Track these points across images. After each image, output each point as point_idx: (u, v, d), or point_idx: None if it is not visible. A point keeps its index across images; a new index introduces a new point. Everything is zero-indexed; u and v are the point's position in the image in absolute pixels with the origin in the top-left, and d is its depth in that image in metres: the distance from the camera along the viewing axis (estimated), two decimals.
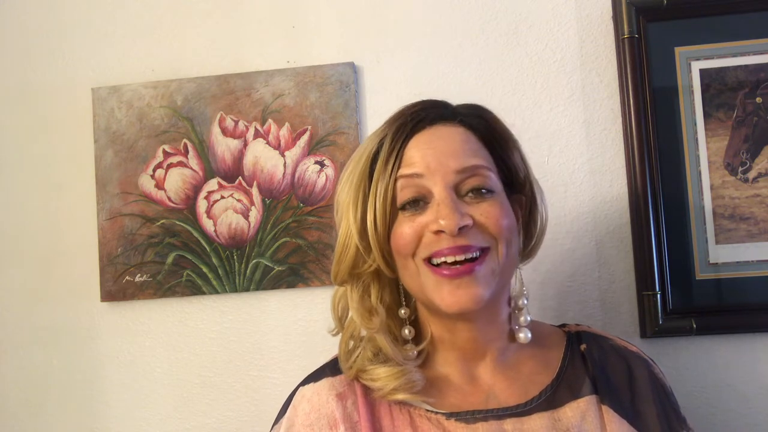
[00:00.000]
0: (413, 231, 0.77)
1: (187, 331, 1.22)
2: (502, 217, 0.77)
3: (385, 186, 0.78)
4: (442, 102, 0.86)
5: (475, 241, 0.76)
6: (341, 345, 0.86)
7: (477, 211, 0.77)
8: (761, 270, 1.11)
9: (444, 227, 0.75)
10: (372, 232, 0.78)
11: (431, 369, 0.84)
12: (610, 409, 0.79)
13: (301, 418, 0.82)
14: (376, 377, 0.80)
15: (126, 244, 1.22)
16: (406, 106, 0.84)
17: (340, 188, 0.84)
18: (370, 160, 0.81)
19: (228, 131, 1.22)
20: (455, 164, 0.77)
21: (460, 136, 0.80)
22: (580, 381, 0.82)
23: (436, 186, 0.77)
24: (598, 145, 1.18)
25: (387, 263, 0.81)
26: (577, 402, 0.80)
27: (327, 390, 0.82)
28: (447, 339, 0.83)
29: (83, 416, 1.22)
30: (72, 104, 1.27)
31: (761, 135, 1.13)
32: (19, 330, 1.25)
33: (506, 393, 0.81)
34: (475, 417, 0.78)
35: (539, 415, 0.78)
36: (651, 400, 0.82)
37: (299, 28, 1.24)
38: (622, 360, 0.86)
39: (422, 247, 0.77)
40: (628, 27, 1.14)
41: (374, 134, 0.83)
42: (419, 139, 0.80)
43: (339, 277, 0.84)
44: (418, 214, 0.78)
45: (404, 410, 0.80)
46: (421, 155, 0.78)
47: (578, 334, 0.89)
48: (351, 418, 0.80)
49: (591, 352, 0.85)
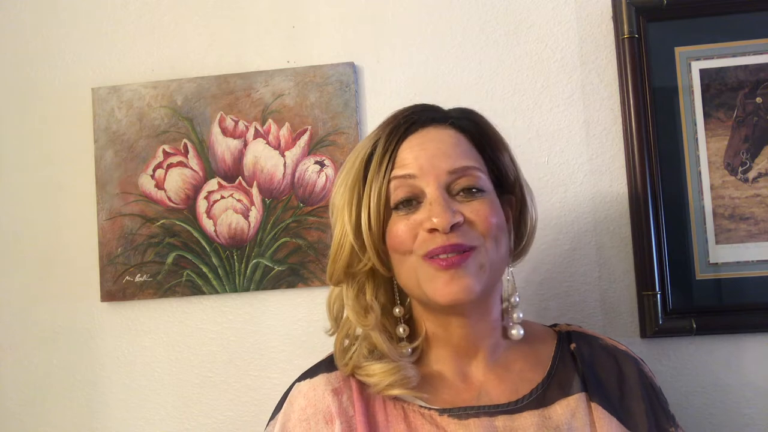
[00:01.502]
0: (408, 228, 0.79)
1: (187, 331, 1.22)
2: (492, 215, 0.80)
3: (378, 187, 0.80)
4: (434, 106, 0.88)
5: (465, 239, 0.78)
6: (336, 343, 0.87)
7: (468, 209, 0.79)
8: (761, 270, 1.11)
9: (437, 225, 0.77)
10: (366, 231, 0.80)
11: (425, 366, 0.86)
12: (600, 407, 0.81)
13: (297, 413, 0.83)
14: (372, 373, 0.82)
15: (126, 244, 1.22)
16: (398, 110, 0.86)
17: (335, 191, 0.86)
18: (364, 163, 0.83)
19: (228, 131, 1.22)
20: (447, 165, 0.80)
21: (451, 138, 0.83)
22: (569, 379, 0.84)
23: (428, 186, 0.79)
24: (598, 145, 1.18)
25: (382, 262, 0.83)
26: (566, 400, 0.82)
27: (323, 385, 0.84)
28: (441, 336, 0.85)
29: (83, 416, 1.22)
30: (72, 104, 1.27)
31: (761, 135, 1.13)
32: (19, 330, 1.25)
33: (497, 390, 0.83)
34: (468, 413, 0.80)
35: (530, 412, 0.80)
36: (640, 398, 0.84)
37: (299, 28, 1.24)
38: (612, 358, 0.88)
39: (418, 244, 0.79)
40: (628, 27, 1.14)
41: (367, 138, 0.86)
42: (412, 141, 0.82)
43: (335, 276, 0.86)
44: (411, 213, 0.80)
45: (398, 406, 0.82)
46: (413, 156, 0.81)
47: (568, 334, 0.91)
48: (346, 412, 0.81)
49: (581, 351, 0.87)
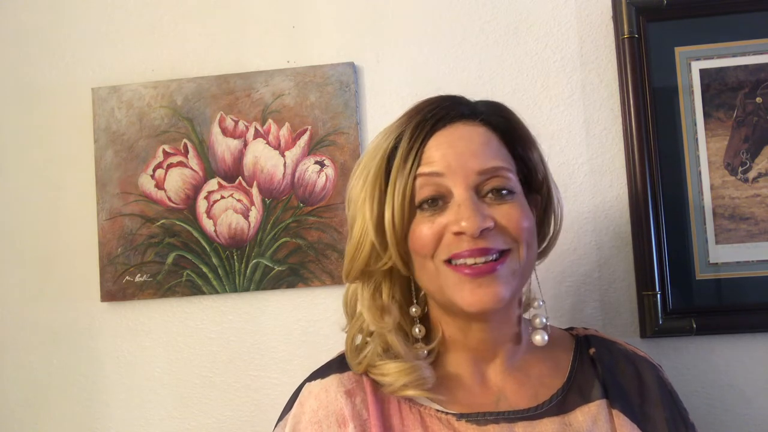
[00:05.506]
0: (433, 232, 0.76)
1: (187, 331, 1.22)
2: (523, 220, 0.76)
3: (403, 183, 0.76)
4: (461, 98, 0.83)
5: (494, 244, 0.74)
6: (348, 340, 0.85)
7: (498, 212, 0.75)
8: (761, 270, 1.11)
9: (465, 229, 0.73)
10: (390, 230, 0.76)
11: (441, 368, 0.83)
12: (621, 413, 0.79)
13: (308, 415, 0.80)
14: (386, 372, 0.79)
15: (126, 244, 1.22)
16: (423, 102, 0.81)
17: (352, 183, 0.82)
18: (387, 157, 0.78)
19: (228, 131, 1.22)
20: (476, 165, 0.76)
21: (481, 136, 0.78)
22: (590, 385, 0.82)
23: (456, 186, 0.75)
24: (598, 145, 1.18)
25: (403, 261, 0.79)
26: (587, 406, 0.79)
27: (335, 386, 0.81)
28: (459, 340, 0.82)
29: (83, 416, 1.22)
30: (72, 104, 1.27)
31: (761, 135, 1.13)
32: (19, 330, 1.25)
33: (516, 395, 0.80)
34: (486, 419, 0.77)
35: (550, 419, 0.78)
36: (660, 405, 0.82)
37: (299, 28, 1.24)
38: (631, 364, 0.85)
39: (442, 247, 0.76)
40: (628, 27, 1.14)
41: (389, 130, 0.81)
42: (439, 137, 0.78)
43: (351, 274, 0.82)
44: (437, 214, 0.76)
45: (414, 409, 0.79)
46: (441, 154, 0.76)
47: (587, 338, 0.88)
48: (360, 415, 0.78)
49: (600, 356, 0.85)
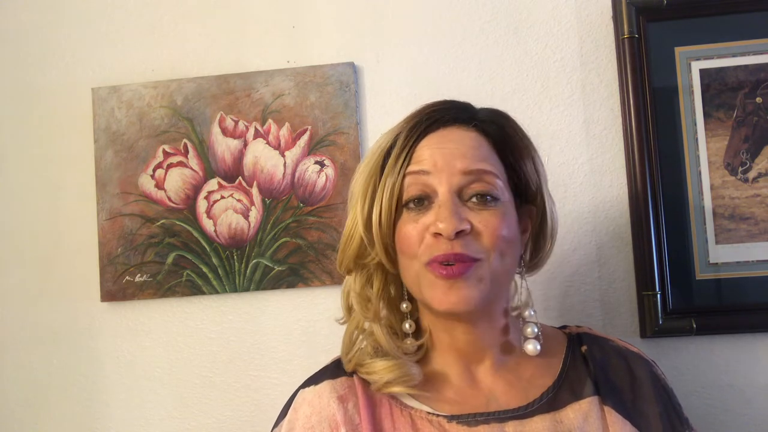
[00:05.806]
0: (417, 233, 0.78)
1: (187, 331, 1.22)
2: (501, 228, 0.77)
3: (393, 181, 0.79)
4: (464, 104, 0.85)
5: (469, 251, 0.76)
6: (345, 336, 0.87)
7: (477, 218, 0.77)
8: (761, 270, 1.11)
9: (441, 230, 0.75)
10: (376, 227, 0.79)
11: (430, 366, 0.84)
12: (613, 410, 0.79)
13: (301, 421, 0.81)
14: (373, 370, 0.81)
15: (126, 244, 1.22)
16: (425, 105, 0.84)
17: (354, 178, 0.85)
18: (384, 155, 0.81)
19: (228, 131, 1.22)
20: (462, 165, 0.78)
21: (472, 140, 0.80)
22: (581, 382, 0.82)
23: (441, 185, 0.77)
24: (598, 145, 1.18)
25: (389, 258, 0.81)
26: (579, 403, 0.80)
27: (328, 392, 0.82)
28: (445, 340, 0.84)
29: (83, 416, 1.22)
30: (72, 104, 1.27)
31: (761, 135, 1.13)
32: (19, 330, 1.25)
33: (507, 395, 0.81)
34: (477, 420, 0.78)
35: (541, 417, 0.78)
36: (653, 400, 0.82)
37: (299, 28, 1.24)
38: (624, 361, 0.86)
39: (423, 249, 0.77)
40: (628, 27, 1.14)
41: (391, 130, 0.84)
42: (431, 138, 0.80)
43: (344, 264, 0.85)
44: (421, 214, 0.78)
45: (405, 412, 0.80)
46: (429, 153, 0.79)
47: (579, 336, 0.89)
48: (352, 420, 0.79)
49: (592, 353, 0.85)
